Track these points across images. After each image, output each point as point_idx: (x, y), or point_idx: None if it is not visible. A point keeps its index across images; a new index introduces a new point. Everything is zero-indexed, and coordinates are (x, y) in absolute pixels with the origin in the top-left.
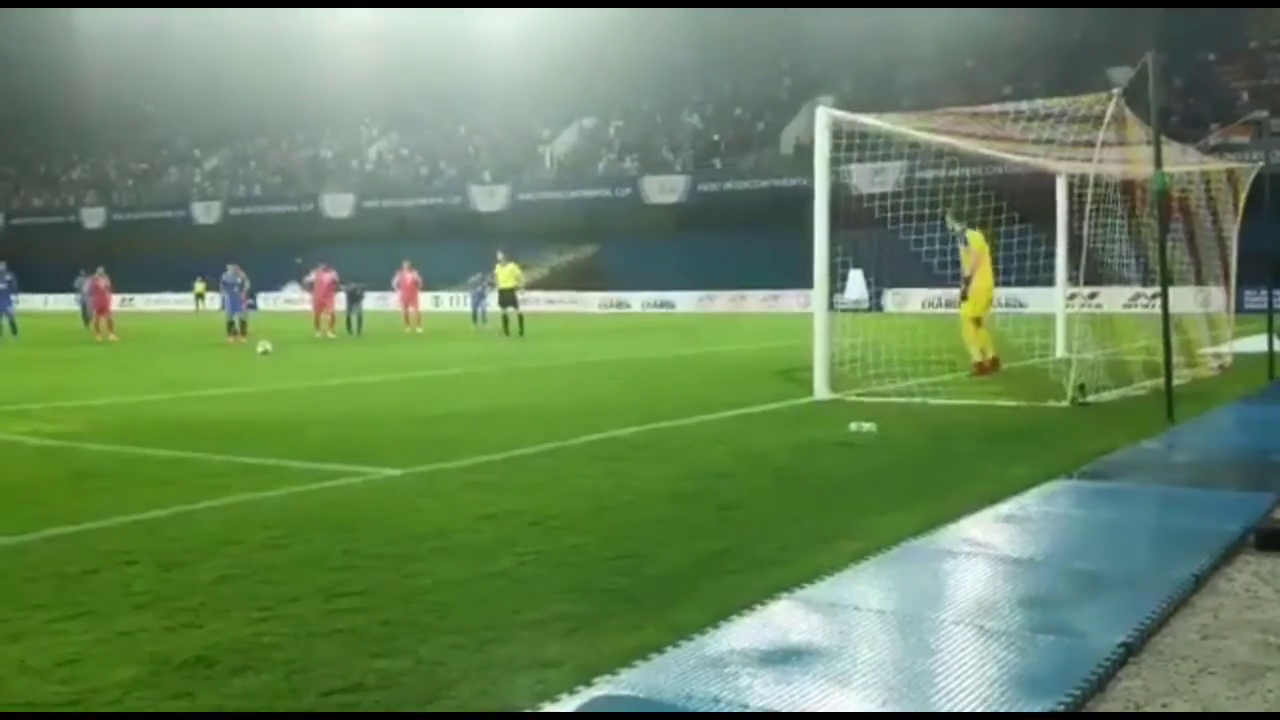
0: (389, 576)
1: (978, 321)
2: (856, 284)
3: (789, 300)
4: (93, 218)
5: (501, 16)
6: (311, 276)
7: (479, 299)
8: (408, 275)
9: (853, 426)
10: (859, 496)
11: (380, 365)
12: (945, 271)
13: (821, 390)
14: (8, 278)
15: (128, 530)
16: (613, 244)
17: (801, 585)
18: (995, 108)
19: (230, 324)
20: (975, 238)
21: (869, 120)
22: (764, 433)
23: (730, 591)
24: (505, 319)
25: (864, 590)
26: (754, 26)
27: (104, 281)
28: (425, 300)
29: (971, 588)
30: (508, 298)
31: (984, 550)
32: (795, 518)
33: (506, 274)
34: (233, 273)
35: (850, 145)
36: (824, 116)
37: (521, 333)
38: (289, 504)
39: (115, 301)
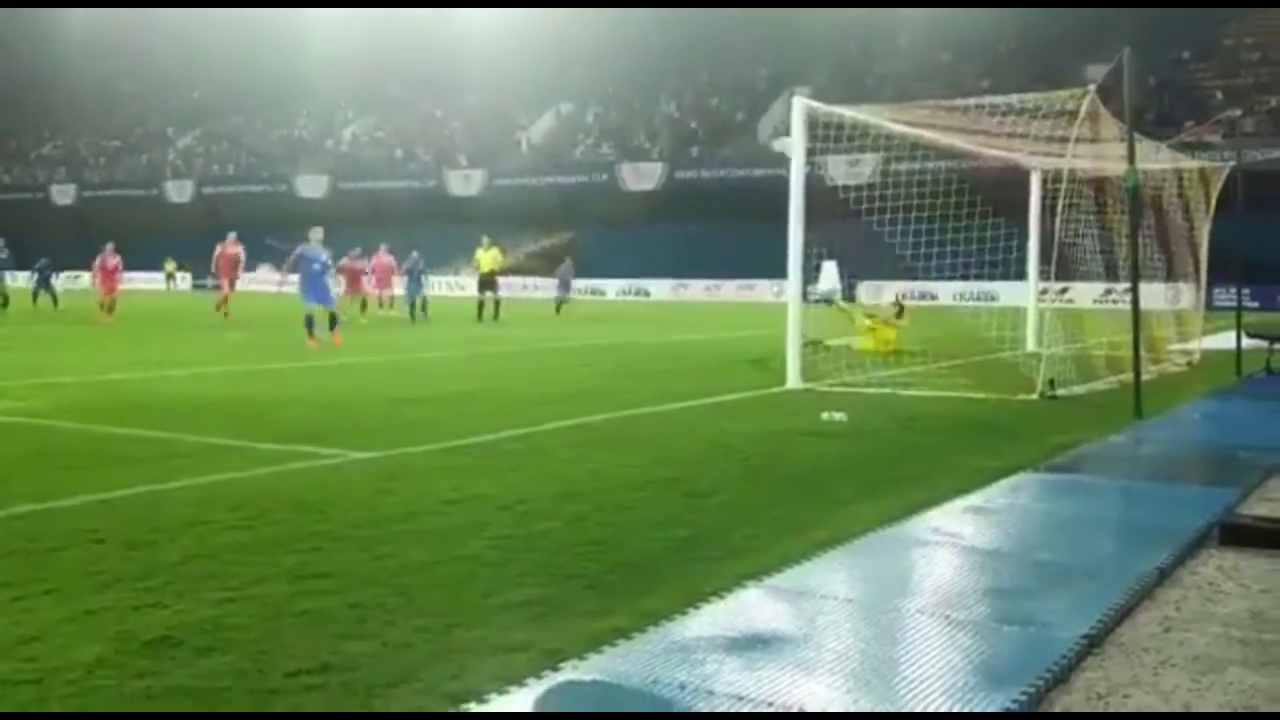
0: (357, 559)
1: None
2: (830, 275)
3: (763, 290)
4: (63, 194)
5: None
6: (372, 260)
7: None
8: (383, 259)
9: (824, 416)
10: (829, 486)
11: (352, 349)
12: (918, 264)
13: (794, 380)
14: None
15: (95, 509)
16: (589, 230)
17: (770, 573)
18: (971, 101)
19: (312, 317)
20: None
21: (845, 111)
22: (735, 421)
23: (699, 579)
24: (481, 304)
25: (832, 579)
26: (732, 16)
27: (114, 260)
28: (399, 284)
29: (938, 578)
30: (488, 282)
31: (951, 541)
32: (765, 506)
33: (489, 258)
34: (316, 245)
35: (827, 137)
36: (800, 107)
37: (496, 317)
38: (257, 485)
39: (87, 279)
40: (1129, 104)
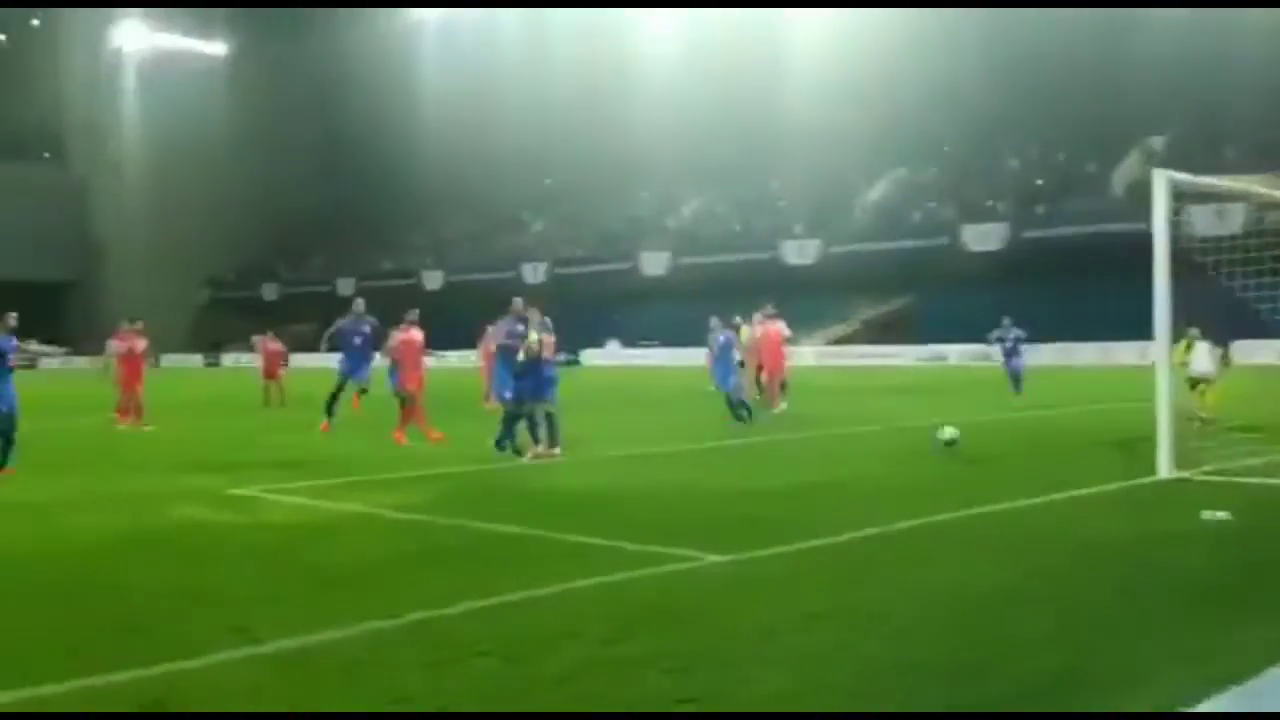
0: (719, 682)
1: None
2: (1203, 357)
3: (1122, 353)
4: (432, 279)
5: (812, 69)
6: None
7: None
8: (761, 329)
9: (1204, 515)
10: (1221, 604)
11: (666, 433)
12: None
13: (1165, 467)
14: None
15: (476, 617)
16: (928, 295)
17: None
18: None
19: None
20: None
21: (1213, 181)
22: (1101, 520)
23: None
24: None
25: None
26: (1074, 64)
27: (274, 345)
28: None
29: None
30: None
31: None
32: (1145, 627)
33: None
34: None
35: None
36: (1162, 181)
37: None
38: (623, 593)
39: (455, 357)
40: None
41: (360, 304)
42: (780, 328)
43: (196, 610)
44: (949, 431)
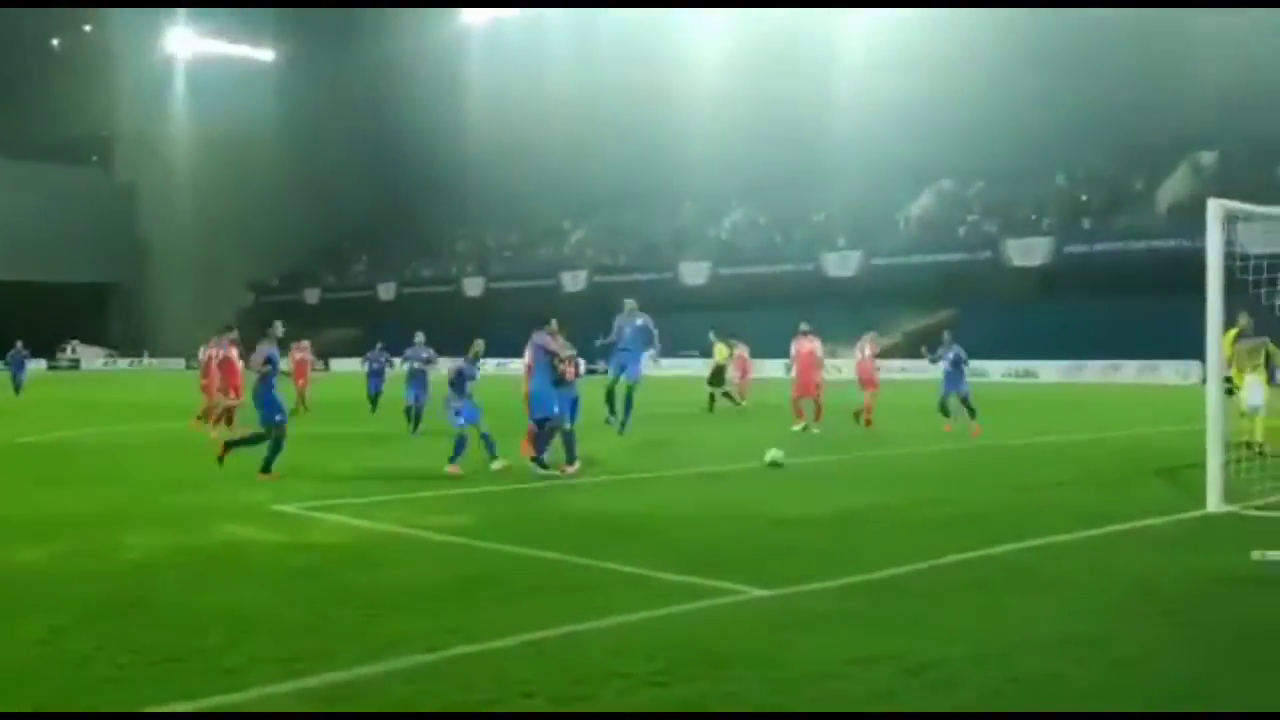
0: None
1: None
2: (1255, 390)
3: (1167, 371)
4: (473, 287)
5: (856, 81)
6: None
7: None
8: (795, 346)
9: (1255, 556)
10: (1273, 654)
11: (703, 452)
12: None
13: (1214, 499)
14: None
15: (521, 653)
16: (971, 309)
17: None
18: None
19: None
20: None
21: (1270, 210)
22: (1147, 558)
23: None
24: (713, 397)
25: None
26: (1122, 80)
27: (299, 354)
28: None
29: None
30: (718, 375)
31: None
32: (1201, 686)
33: (722, 352)
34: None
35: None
36: (1216, 210)
37: (711, 409)
38: (666, 629)
39: (492, 365)
40: None
41: (480, 344)
42: (815, 346)
43: (241, 639)
44: (774, 453)
